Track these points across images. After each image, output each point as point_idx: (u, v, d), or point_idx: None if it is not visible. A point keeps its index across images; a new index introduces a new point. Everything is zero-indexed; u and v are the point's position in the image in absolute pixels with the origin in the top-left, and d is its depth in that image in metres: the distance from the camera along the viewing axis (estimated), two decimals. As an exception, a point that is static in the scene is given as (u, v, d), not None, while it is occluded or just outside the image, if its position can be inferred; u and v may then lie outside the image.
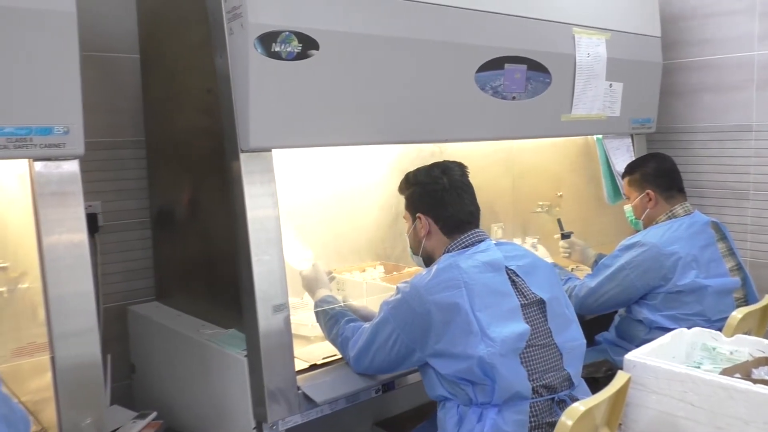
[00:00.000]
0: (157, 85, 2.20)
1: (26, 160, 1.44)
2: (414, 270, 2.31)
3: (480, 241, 1.75)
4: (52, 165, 1.44)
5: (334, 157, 2.34)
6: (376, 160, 2.50)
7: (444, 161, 1.83)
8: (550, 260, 2.58)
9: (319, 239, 2.33)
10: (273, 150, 1.74)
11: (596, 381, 2.05)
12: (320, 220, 2.38)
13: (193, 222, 2.13)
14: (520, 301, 1.64)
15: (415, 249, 1.86)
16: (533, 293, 1.68)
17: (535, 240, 2.79)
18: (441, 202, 1.76)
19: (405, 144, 2.38)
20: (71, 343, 1.47)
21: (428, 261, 1.83)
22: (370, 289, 2.28)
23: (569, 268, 2.73)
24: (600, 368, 2.24)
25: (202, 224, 2.06)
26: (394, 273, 2.44)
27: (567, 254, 2.69)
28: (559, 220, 2.78)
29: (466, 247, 1.73)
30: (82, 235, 1.48)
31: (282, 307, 1.72)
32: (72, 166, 1.46)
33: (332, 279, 2.08)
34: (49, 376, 1.48)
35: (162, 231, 2.31)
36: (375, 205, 2.56)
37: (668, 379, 1.55)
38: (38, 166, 1.43)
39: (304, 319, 2.06)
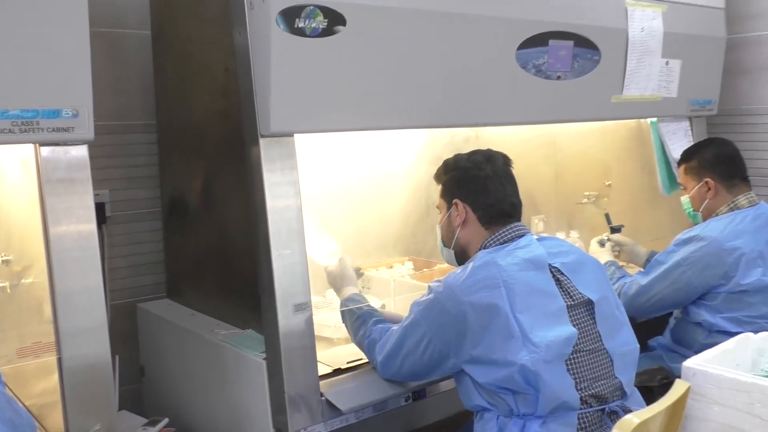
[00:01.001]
0: (170, 64, 2.21)
1: (32, 145, 1.46)
2: (447, 267, 2.30)
3: (521, 236, 1.74)
4: (59, 150, 1.46)
5: (360, 143, 2.34)
6: (405, 146, 2.49)
7: (487, 149, 1.83)
8: (606, 258, 2.55)
9: (342, 232, 2.33)
10: (295, 135, 1.74)
11: (650, 390, 2.04)
12: (344, 212, 2.39)
13: (207, 213, 2.15)
14: (565, 301, 1.64)
15: (447, 240, 1.85)
16: (580, 293, 1.67)
17: (604, 237, 2.69)
18: (482, 189, 1.76)
19: (438, 128, 2.37)
20: (79, 342, 1.49)
21: (460, 255, 1.82)
22: (398, 288, 2.29)
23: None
24: (655, 376, 2.22)
25: (218, 215, 2.08)
26: (425, 270, 2.43)
27: (615, 253, 2.66)
28: (607, 215, 2.75)
29: (506, 242, 1.73)
30: (91, 226, 1.50)
31: (304, 306, 1.72)
32: (81, 152, 1.49)
33: (361, 275, 2.09)
34: (54, 378, 1.50)
35: (174, 222, 2.33)
36: (404, 196, 2.56)
37: (733, 389, 1.53)
38: (45, 151, 1.46)
39: (327, 319, 2.07)
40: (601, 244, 2.65)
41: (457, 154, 1.85)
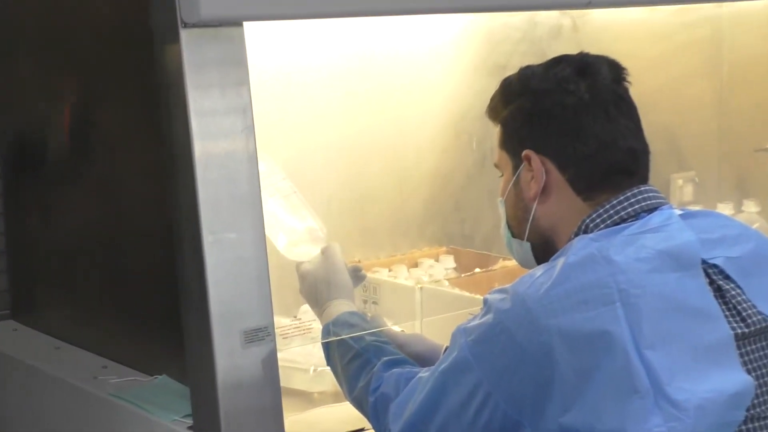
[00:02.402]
0: None
1: None
2: (515, 267, 2.32)
3: (650, 210, 1.75)
4: None
5: (363, 42, 2.37)
6: (444, 48, 2.52)
7: (581, 54, 1.84)
8: None
9: (329, 205, 2.37)
10: (245, 24, 1.75)
11: None
12: (332, 167, 2.42)
13: (84, 168, 2.18)
14: (734, 327, 1.65)
15: (517, 225, 1.87)
16: (760, 312, 1.68)
17: None
18: (574, 128, 1.76)
19: (501, 13, 2.40)
20: None
21: (542, 249, 1.84)
22: (428, 302, 2.32)
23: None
24: None
25: (103, 172, 2.11)
26: (477, 271, 2.47)
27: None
28: None
29: (623, 221, 1.74)
30: None
31: (261, 334, 1.76)
32: None
33: (361, 279, 2.12)
34: None
35: (23, 186, 2.38)
36: (439, 140, 2.60)
37: None
38: None
39: (302, 358, 2.11)
40: None
41: (526, 67, 1.83)
